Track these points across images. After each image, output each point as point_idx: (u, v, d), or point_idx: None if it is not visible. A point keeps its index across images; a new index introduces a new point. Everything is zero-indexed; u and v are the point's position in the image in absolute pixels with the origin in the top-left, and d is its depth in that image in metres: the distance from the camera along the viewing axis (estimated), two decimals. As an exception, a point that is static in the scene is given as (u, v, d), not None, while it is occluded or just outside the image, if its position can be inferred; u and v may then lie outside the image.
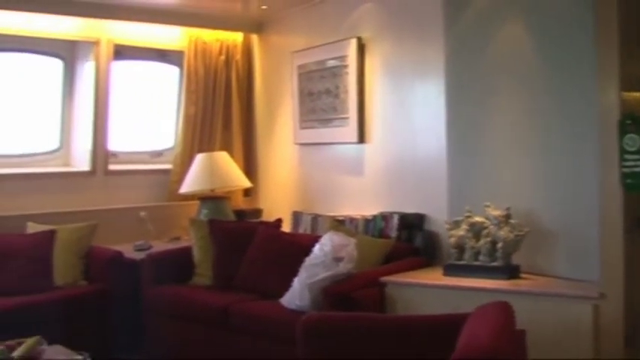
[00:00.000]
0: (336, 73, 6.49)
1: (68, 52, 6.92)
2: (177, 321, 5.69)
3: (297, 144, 7.04)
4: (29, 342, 3.79)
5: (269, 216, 7.00)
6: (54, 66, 6.91)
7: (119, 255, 5.92)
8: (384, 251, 5.43)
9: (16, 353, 3.73)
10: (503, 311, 3.21)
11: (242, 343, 5.16)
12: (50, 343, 3.89)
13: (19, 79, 6.77)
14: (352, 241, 5.00)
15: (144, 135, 7.48)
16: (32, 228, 6.07)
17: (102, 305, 5.73)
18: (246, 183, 7.07)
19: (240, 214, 6.99)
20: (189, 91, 7.28)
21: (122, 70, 7.14)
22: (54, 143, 6.96)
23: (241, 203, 7.46)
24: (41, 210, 6.35)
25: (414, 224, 5.69)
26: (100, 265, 5.90)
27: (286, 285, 5.07)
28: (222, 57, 7.48)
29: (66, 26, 6.65)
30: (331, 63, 6.55)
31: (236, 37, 7.61)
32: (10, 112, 6.73)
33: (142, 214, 6.88)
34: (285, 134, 7.20)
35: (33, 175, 6.62)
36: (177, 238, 6.89)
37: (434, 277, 4.89)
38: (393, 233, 5.70)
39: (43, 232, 5.94)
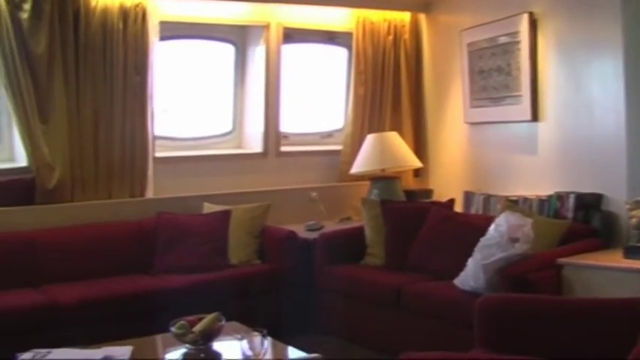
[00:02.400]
0: (508, 49, 6.33)
1: (239, 37, 7.07)
2: (349, 300, 5.74)
3: (467, 123, 6.92)
4: (209, 318, 3.89)
5: (439, 196, 6.93)
6: (226, 51, 7.07)
7: (293, 235, 6.00)
8: (560, 232, 5.27)
9: (196, 328, 3.83)
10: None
11: (414, 323, 5.15)
12: (226, 319, 3.98)
13: (194, 65, 6.98)
14: (528, 221, 4.86)
15: (314, 116, 7.56)
16: (208, 208, 6.25)
17: (275, 284, 5.83)
18: (416, 163, 7.02)
19: (410, 194, 6.95)
20: (358, 72, 7.28)
21: (292, 53, 7.22)
22: (227, 126, 7.14)
23: (411, 183, 7.41)
24: (216, 191, 6.51)
25: (591, 204, 5.49)
26: (274, 245, 6.01)
27: (460, 266, 5.00)
28: (391, 37, 7.44)
29: (237, 12, 6.78)
30: (502, 40, 6.38)
31: (404, 17, 7.54)
32: (187, 97, 6.95)
33: (313, 194, 6.93)
34: (455, 113, 7.08)
35: (208, 158, 6.83)
36: (348, 219, 6.92)
37: (613, 259, 4.71)
38: (569, 214, 5.52)
39: (219, 212, 6.09)
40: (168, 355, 4.06)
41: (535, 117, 6.11)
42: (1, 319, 4.78)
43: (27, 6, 5.69)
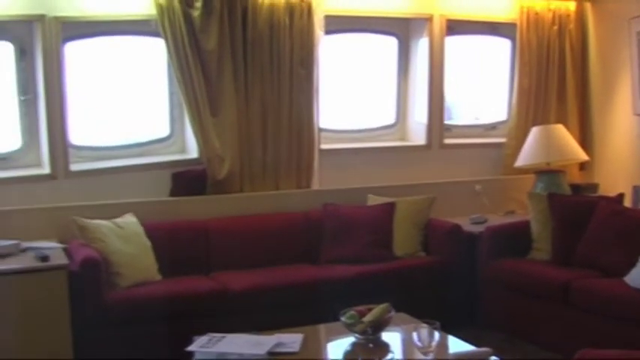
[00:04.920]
0: (681, 37, 6.10)
1: (403, 29, 7.09)
2: (514, 295, 5.66)
3: (637, 115, 6.68)
4: (379, 309, 3.93)
5: (605, 190, 6.73)
6: (389, 44, 7.10)
7: (458, 228, 5.97)
8: None
9: (366, 318, 3.89)
10: None
11: (582, 320, 5.03)
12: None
13: (358, 58, 7.07)
14: None
15: (477, 108, 7.50)
16: (372, 200, 6.31)
17: (439, 276, 5.82)
18: (582, 156, 6.83)
19: (575, 188, 6.78)
20: (522, 64, 7.16)
21: (455, 45, 7.18)
22: (391, 118, 7.18)
23: (576, 177, 7.22)
24: (380, 183, 6.56)
25: None
26: (439, 237, 5.99)
27: (630, 263, 4.87)
28: (555, 27, 7.27)
29: (400, 4, 6.79)
30: (675, 27, 6.15)
31: (568, 6, 7.33)
32: (349, 89, 7.04)
33: (477, 187, 6.90)
34: (624, 105, 6.84)
35: (372, 150, 6.90)
36: (512, 212, 6.83)
37: None
38: None
39: (384, 204, 6.13)
40: (337, 344, 4.10)
41: None
42: (178, 302, 5.04)
43: (198, 4, 5.90)
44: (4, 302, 4.58)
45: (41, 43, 5.64)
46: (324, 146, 6.55)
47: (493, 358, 3.57)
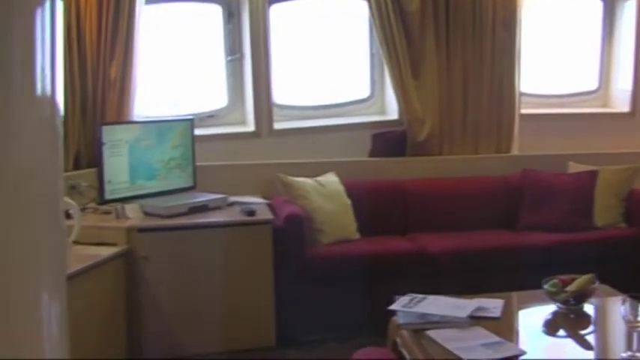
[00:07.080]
0: None
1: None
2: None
3: None
4: (583, 279, 3.85)
5: None
6: (594, 6, 6.90)
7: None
8: None
9: (569, 288, 3.83)
10: None
11: None
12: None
13: (561, 22, 6.92)
14: None
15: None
16: (573, 168, 6.17)
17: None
18: None
19: None
20: None
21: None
22: (593, 84, 6.99)
23: None
24: (581, 150, 6.36)
25: None
26: (642, 209, 5.81)
27: None
28: None
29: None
30: None
31: None
32: (550, 53, 6.90)
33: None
34: None
35: (572, 116, 6.74)
36: None
37: None
38: None
39: (585, 173, 5.99)
40: (537, 312, 4.07)
41: None
42: (377, 261, 5.17)
43: (401, -35, 5.94)
44: (213, 253, 4.84)
45: (248, 5, 5.91)
46: (524, 111, 6.46)
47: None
